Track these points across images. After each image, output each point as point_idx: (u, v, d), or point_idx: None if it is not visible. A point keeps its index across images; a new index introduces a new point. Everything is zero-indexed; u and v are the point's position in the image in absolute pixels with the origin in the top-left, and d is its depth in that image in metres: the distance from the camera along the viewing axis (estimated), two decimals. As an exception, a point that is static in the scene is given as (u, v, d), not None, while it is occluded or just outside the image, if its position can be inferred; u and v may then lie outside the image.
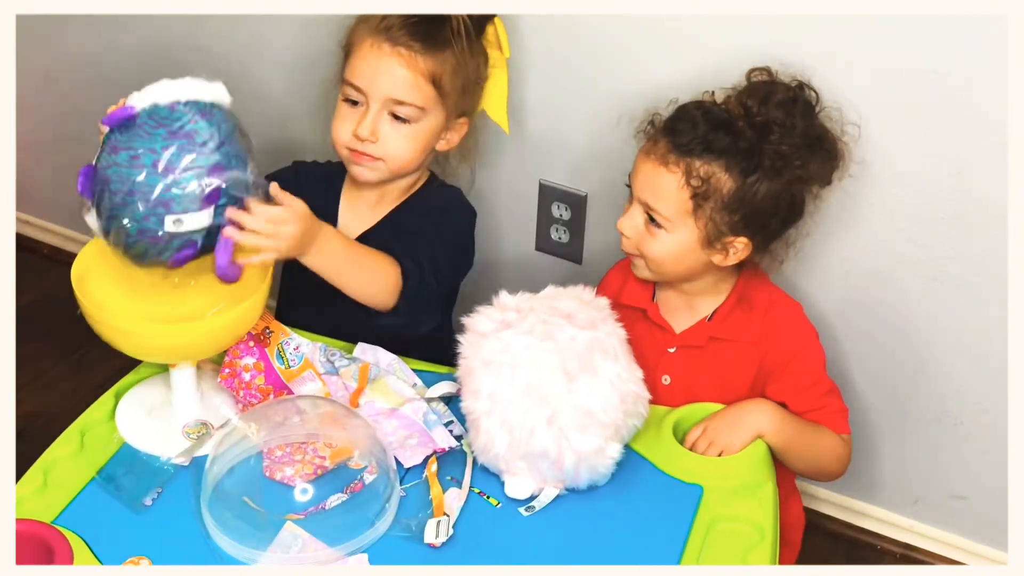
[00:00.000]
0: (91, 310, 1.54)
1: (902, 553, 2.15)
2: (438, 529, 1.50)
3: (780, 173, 1.64)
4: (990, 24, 1.67)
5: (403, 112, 1.76)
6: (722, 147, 1.63)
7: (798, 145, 1.64)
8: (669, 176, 1.65)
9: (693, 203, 1.65)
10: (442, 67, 1.76)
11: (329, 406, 1.61)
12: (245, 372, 1.67)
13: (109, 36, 2.41)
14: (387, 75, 1.74)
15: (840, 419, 1.76)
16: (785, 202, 1.68)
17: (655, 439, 1.65)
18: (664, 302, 1.81)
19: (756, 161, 1.63)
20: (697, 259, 1.71)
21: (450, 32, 1.76)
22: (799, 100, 1.68)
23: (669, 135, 1.66)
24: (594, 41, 1.96)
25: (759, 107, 1.65)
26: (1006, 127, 1.72)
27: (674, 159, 1.65)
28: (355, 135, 1.77)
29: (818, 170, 1.68)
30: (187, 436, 1.62)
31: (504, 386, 1.55)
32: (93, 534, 1.51)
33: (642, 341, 1.70)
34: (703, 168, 1.63)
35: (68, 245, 2.74)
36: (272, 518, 1.48)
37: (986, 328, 1.89)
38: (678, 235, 1.68)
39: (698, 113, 1.66)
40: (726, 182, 1.63)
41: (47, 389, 2.34)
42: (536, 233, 2.19)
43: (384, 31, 1.74)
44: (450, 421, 1.65)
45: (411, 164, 1.82)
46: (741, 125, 1.64)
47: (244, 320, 1.60)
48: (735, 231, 1.67)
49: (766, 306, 1.76)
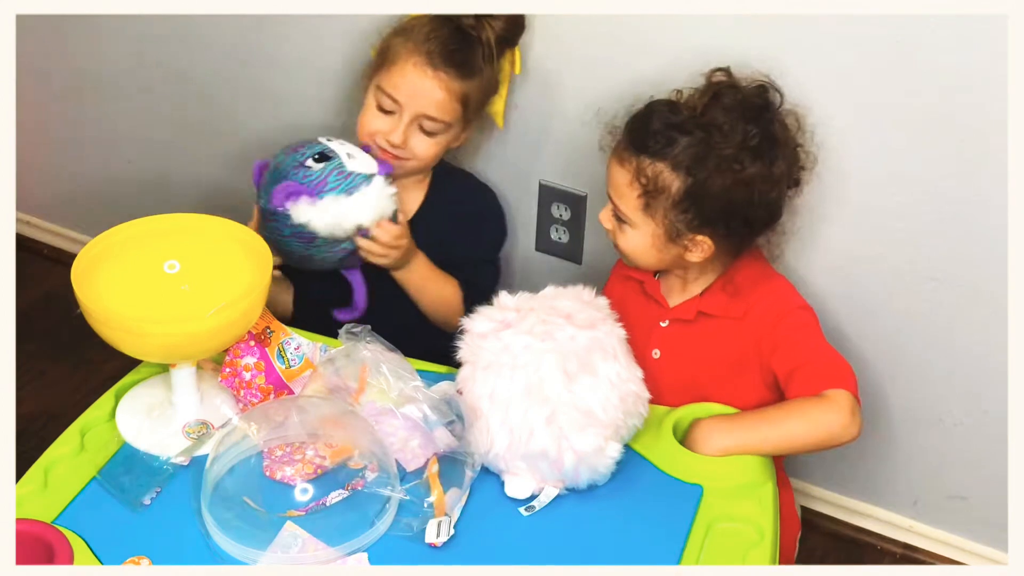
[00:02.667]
0: (91, 309, 1.54)
1: (902, 553, 2.15)
2: (439, 529, 1.50)
3: (723, 174, 1.65)
4: (990, 24, 1.67)
5: (431, 127, 1.92)
6: (671, 146, 1.65)
7: (739, 147, 1.65)
8: (623, 173, 1.70)
9: (642, 201, 1.68)
10: (472, 90, 1.92)
11: (329, 406, 1.61)
12: (246, 372, 1.67)
13: (110, 36, 2.41)
14: (426, 96, 1.89)
15: (831, 375, 1.68)
16: (742, 204, 1.68)
17: (655, 439, 1.65)
18: (664, 280, 1.84)
19: (701, 163, 1.65)
20: (665, 254, 1.74)
21: (482, 58, 1.92)
22: (748, 102, 1.69)
23: (627, 133, 1.71)
24: (594, 41, 1.96)
25: (704, 109, 1.67)
26: (1006, 127, 1.71)
27: (628, 157, 1.69)
28: (387, 139, 1.92)
29: (762, 172, 1.67)
30: (187, 436, 1.62)
31: (504, 386, 1.55)
32: (93, 534, 1.51)
33: (638, 313, 1.78)
34: (650, 167, 1.67)
35: (68, 245, 2.74)
36: (272, 518, 1.48)
37: (986, 328, 1.89)
38: (641, 231, 1.72)
39: (656, 113, 1.69)
40: (673, 181, 1.66)
41: (47, 389, 2.34)
42: (536, 233, 2.19)
43: (428, 54, 1.89)
44: (451, 421, 1.65)
45: (430, 164, 2.01)
46: (691, 126, 1.66)
47: (244, 320, 1.60)
48: (693, 229, 1.69)
49: (752, 283, 1.78)
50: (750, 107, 1.69)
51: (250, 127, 2.37)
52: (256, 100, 2.33)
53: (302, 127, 2.29)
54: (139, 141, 2.52)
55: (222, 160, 2.44)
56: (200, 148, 2.46)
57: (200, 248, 1.63)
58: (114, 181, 2.60)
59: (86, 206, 2.68)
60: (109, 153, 2.57)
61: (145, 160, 2.55)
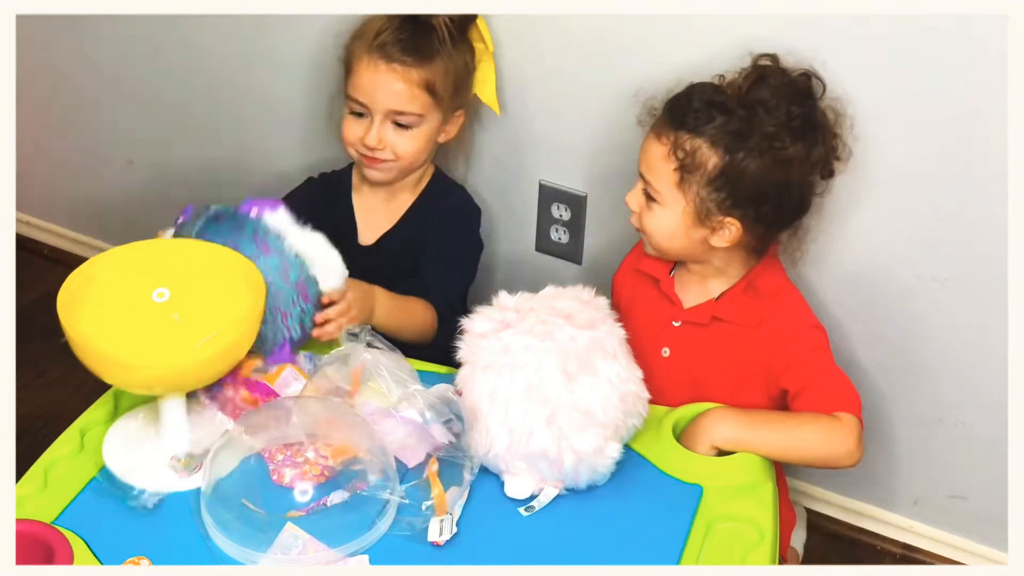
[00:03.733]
0: (75, 339, 1.49)
1: (902, 553, 2.15)
2: (441, 527, 1.50)
3: (762, 153, 1.66)
4: (990, 24, 1.67)
5: (404, 120, 1.91)
6: (711, 123, 1.66)
7: (782, 126, 1.66)
8: (660, 148, 1.70)
9: (678, 175, 1.68)
10: (434, 75, 1.90)
11: (327, 406, 1.60)
12: (227, 389, 1.65)
13: (110, 36, 2.41)
14: (386, 90, 1.89)
15: (841, 398, 1.69)
16: (776, 188, 1.69)
17: (655, 439, 1.65)
18: (679, 278, 1.83)
19: (741, 140, 1.65)
20: (691, 237, 1.73)
21: (437, 41, 1.90)
22: (794, 85, 1.71)
23: (666, 109, 1.72)
24: (594, 41, 1.96)
25: (750, 87, 1.69)
26: (1006, 127, 1.71)
27: (666, 132, 1.69)
28: (364, 144, 1.92)
29: (801, 154, 1.68)
30: (174, 468, 1.58)
31: (504, 386, 1.55)
32: (93, 534, 1.51)
33: (650, 310, 1.80)
34: (689, 142, 1.67)
35: (68, 245, 2.74)
36: (272, 519, 1.48)
37: (986, 328, 1.89)
38: (671, 210, 1.71)
39: (697, 91, 1.71)
40: (711, 157, 1.66)
41: (47, 389, 2.34)
42: (536, 233, 2.19)
43: (378, 49, 1.88)
44: (449, 419, 1.65)
45: (419, 160, 1.98)
46: (733, 105, 1.67)
47: (235, 351, 1.55)
48: (723, 210, 1.69)
49: (772, 293, 1.78)
50: (795, 89, 1.71)
51: (251, 128, 2.37)
52: (257, 101, 2.33)
53: (303, 127, 2.30)
54: (139, 141, 2.52)
55: (223, 160, 2.44)
56: (201, 148, 2.46)
57: (191, 275, 1.57)
58: (114, 181, 2.61)
59: (86, 207, 2.68)
60: (109, 153, 2.57)
61: (145, 160, 2.55)
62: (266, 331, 1.64)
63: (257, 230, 1.66)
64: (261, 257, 1.64)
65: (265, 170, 2.38)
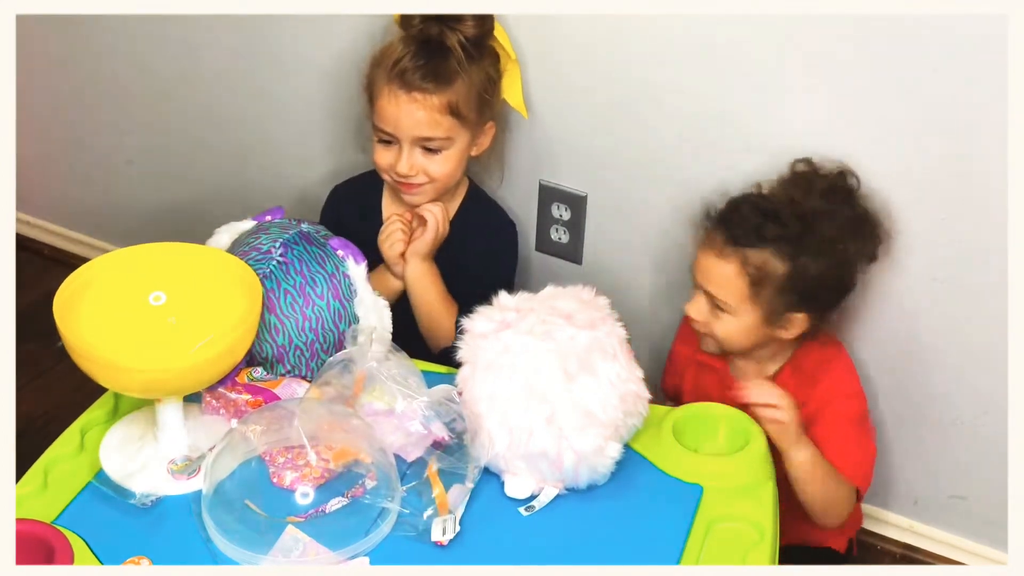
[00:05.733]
0: (71, 343, 1.48)
1: (902, 553, 2.15)
2: (444, 527, 1.50)
3: (826, 255, 1.75)
4: (990, 24, 1.67)
5: (433, 145, 1.91)
6: (772, 236, 1.74)
7: (842, 228, 1.76)
8: (727, 266, 1.76)
9: (751, 290, 1.75)
10: (456, 96, 1.89)
11: (328, 409, 1.60)
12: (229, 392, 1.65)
13: (110, 36, 2.41)
14: (409, 119, 1.89)
15: (858, 472, 1.83)
16: (834, 277, 1.78)
17: (655, 439, 1.65)
18: (734, 363, 1.91)
19: (803, 246, 1.73)
20: (762, 334, 1.81)
21: (455, 62, 1.88)
22: (839, 188, 1.78)
23: (724, 227, 1.77)
24: (594, 41, 1.96)
25: (804, 198, 1.76)
26: (1006, 127, 1.71)
27: (730, 251, 1.75)
28: (396, 172, 1.92)
29: (862, 248, 1.80)
30: (171, 472, 1.58)
31: (504, 386, 1.55)
32: (93, 534, 1.51)
33: (716, 391, 1.85)
34: (756, 257, 1.74)
35: (68, 245, 2.74)
36: (273, 522, 1.48)
37: (986, 328, 1.89)
38: (742, 318, 1.78)
39: (748, 206, 1.78)
40: (779, 267, 1.74)
41: (47, 389, 2.34)
42: (536, 233, 2.19)
43: (398, 78, 1.88)
44: (452, 420, 1.65)
45: (454, 178, 1.98)
46: (787, 214, 1.74)
47: (232, 354, 1.54)
48: (792, 308, 1.77)
49: (817, 366, 1.86)
50: (840, 190, 1.78)
51: (252, 128, 2.37)
52: (258, 101, 2.33)
53: (303, 127, 2.30)
54: (139, 141, 2.52)
55: (223, 160, 2.44)
56: (201, 148, 2.46)
57: (188, 279, 1.57)
58: (114, 181, 2.61)
59: (86, 206, 2.68)
60: (109, 153, 2.57)
61: (145, 160, 2.55)
62: (288, 360, 1.69)
63: (337, 272, 1.70)
64: (328, 297, 1.69)
65: (266, 170, 2.38)
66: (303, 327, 1.68)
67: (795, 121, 1.86)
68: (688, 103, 1.94)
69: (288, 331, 1.68)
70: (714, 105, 1.92)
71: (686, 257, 2.02)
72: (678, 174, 2.00)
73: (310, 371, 1.71)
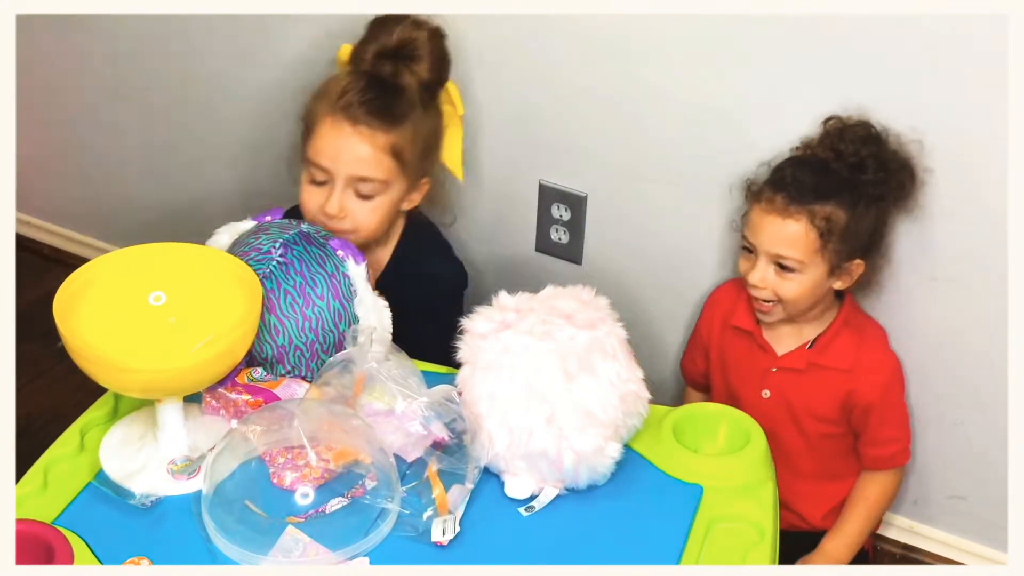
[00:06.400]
0: (71, 343, 1.48)
1: (902, 553, 2.15)
2: (444, 527, 1.50)
3: (882, 198, 1.81)
4: (989, 24, 1.67)
5: (366, 189, 1.83)
6: (830, 189, 1.79)
7: (892, 170, 1.81)
8: (795, 224, 1.80)
9: (820, 242, 1.80)
10: (403, 139, 1.83)
11: (329, 409, 1.60)
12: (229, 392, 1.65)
13: (110, 36, 2.41)
14: (350, 153, 1.81)
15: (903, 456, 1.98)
16: (884, 221, 1.85)
17: (655, 439, 1.65)
18: (770, 326, 1.94)
19: (860, 193, 1.79)
20: (825, 289, 1.87)
21: (407, 104, 1.82)
22: (871, 135, 1.82)
23: (783, 190, 1.81)
24: (595, 42, 1.96)
25: (847, 147, 1.81)
26: (1007, 126, 1.72)
27: (795, 209, 1.80)
28: (324, 212, 1.83)
29: (911, 187, 1.83)
30: (171, 472, 1.58)
31: (504, 386, 1.55)
32: (93, 534, 1.51)
33: (746, 358, 1.95)
34: (822, 210, 1.79)
35: (68, 245, 2.74)
36: (273, 522, 1.48)
37: (986, 328, 1.89)
38: (810, 273, 1.83)
39: (799, 165, 1.83)
40: (842, 216, 1.79)
41: (47, 389, 2.34)
42: (536, 233, 2.19)
43: (343, 110, 1.80)
44: (453, 419, 1.65)
45: (380, 231, 1.90)
46: (839, 165, 1.80)
47: (232, 354, 1.54)
48: (852, 256, 1.83)
49: (863, 332, 1.92)
50: (872, 137, 1.82)
51: (252, 128, 2.37)
52: (258, 101, 2.33)
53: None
54: (140, 141, 2.53)
55: (223, 160, 2.44)
56: (201, 148, 2.46)
57: (188, 279, 1.57)
58: (114, 181, 2.61)
59: (87, 206, 2.68)
60: (109, 153, 2.58)
61: (145, 160, 2.55)
62: (287, 360, 1.68)
63: (337, 272, 1.69)
64: (328, 298, 1.67)
65: (266, 170, 2.38)
66: (303, 327, 1.68)
67: (795, 120, 1.86)
68: (688, 103, 1.94)
69: (288, 331, 1.68)
70: (714, 105, 1.92)
71: (686, 257, 2.03)
72: (678, 174, 2.00)
73: (310, 371, 1.70)
